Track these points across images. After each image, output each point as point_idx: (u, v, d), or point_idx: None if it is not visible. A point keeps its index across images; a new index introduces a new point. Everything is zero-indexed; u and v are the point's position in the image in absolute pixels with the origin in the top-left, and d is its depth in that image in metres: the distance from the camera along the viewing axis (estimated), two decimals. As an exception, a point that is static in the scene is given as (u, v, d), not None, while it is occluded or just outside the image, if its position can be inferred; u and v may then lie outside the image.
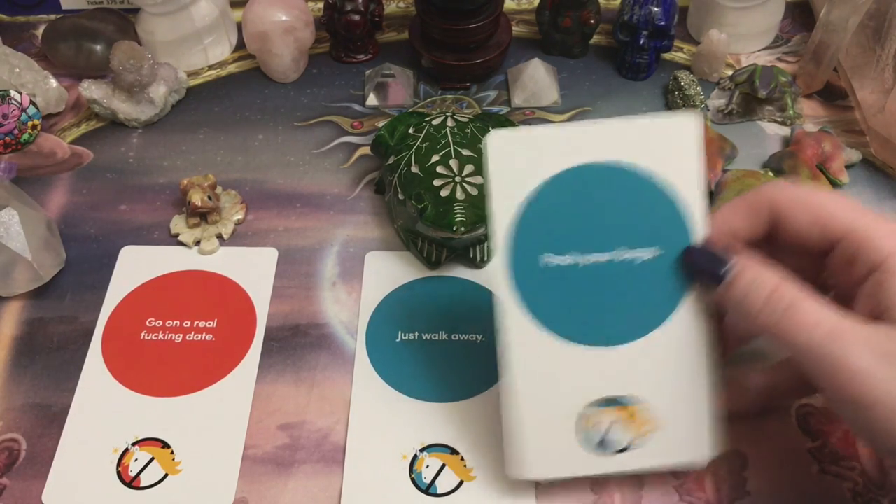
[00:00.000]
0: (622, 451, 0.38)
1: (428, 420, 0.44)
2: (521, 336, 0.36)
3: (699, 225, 0.36)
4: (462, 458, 0.42)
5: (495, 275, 0.36)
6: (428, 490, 0.41)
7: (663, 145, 0.35)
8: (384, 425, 0.43)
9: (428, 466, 0.42)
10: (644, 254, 0.36)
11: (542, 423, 0.37)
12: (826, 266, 0.36)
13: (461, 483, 0.41)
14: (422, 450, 0.43)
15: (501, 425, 0.43)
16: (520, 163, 0.35)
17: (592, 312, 0.36)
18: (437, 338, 0.47)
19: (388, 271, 0.50)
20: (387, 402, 0.44)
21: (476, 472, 0.42)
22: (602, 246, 0.35)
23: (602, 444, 0.38)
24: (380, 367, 0.46)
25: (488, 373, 0.45)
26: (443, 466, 0.42)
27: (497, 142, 0.35)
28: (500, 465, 0.42)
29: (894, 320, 0.32)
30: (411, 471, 0.42)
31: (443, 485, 0.41)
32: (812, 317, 0.33)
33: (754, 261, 0.35)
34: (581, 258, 0.35)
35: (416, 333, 0.47)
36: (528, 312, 0.36)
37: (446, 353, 0.46)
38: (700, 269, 0.36)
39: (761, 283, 0.34)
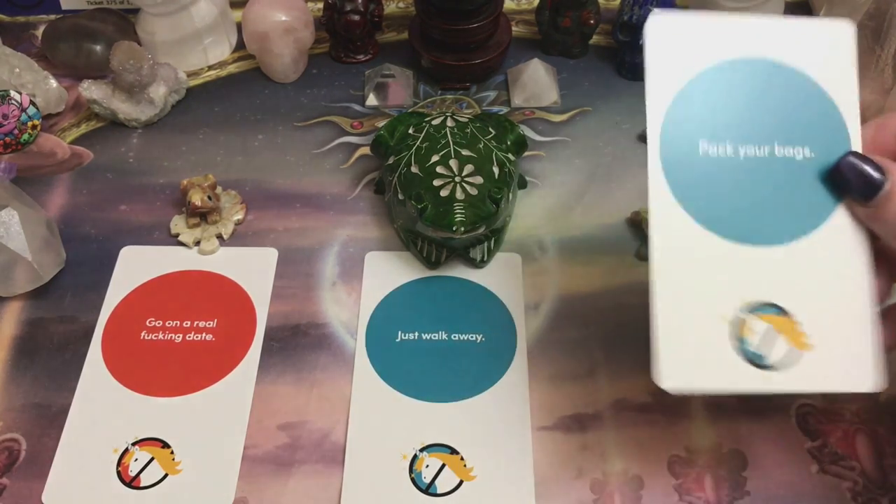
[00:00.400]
0: (777, 367, 0.33)
1: (428, 420, 0.44)
2: (670, 225, 0.34)
3: (854, 130, 0.35)
4: (462, 458, 0.42)
5: (649, 162, 0.33)
6: (428, 490, 0.41)
7: (822, 48, 0.35)
8: (384, 425, 0.44)
9: (428, 466, 0.42)
10: (800, 152, 0.34)
11: (694, 323, 0.33)
12: None
13: (461, 483, 0.41)
14: (422, 449, 0.43)
15: (502, 428, 0.43)
16: (680, 48, 0.34)
17: (745, 208, 0.34)
18: (436, 338, 0.47)
19: (388, 271, 0.50)
20: (387, 401, 0.44)
21: (476, 472, 0.42)
22: (759, 138, 0.34)
23: (757, 355, 0.33)
24: (380, 367, 0.46)
25: (488, 373, 0.45)
26: (443, 466, 0.42)
27: (658, 24, 0.34)
28: (500, 465, 0.42)
29: None
30: (411, 470, 0.42)
31: (443, 484, 0.41)
32: None
33: None
34: (738, 148, 0.34)
35: (416, 333, 0.47)
36: (678, 201, 0.34)
37: (446, 353, 0.46)
38: (851, 180, 0.34)
39: None
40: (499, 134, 0.51)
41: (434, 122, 0.51)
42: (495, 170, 0.48)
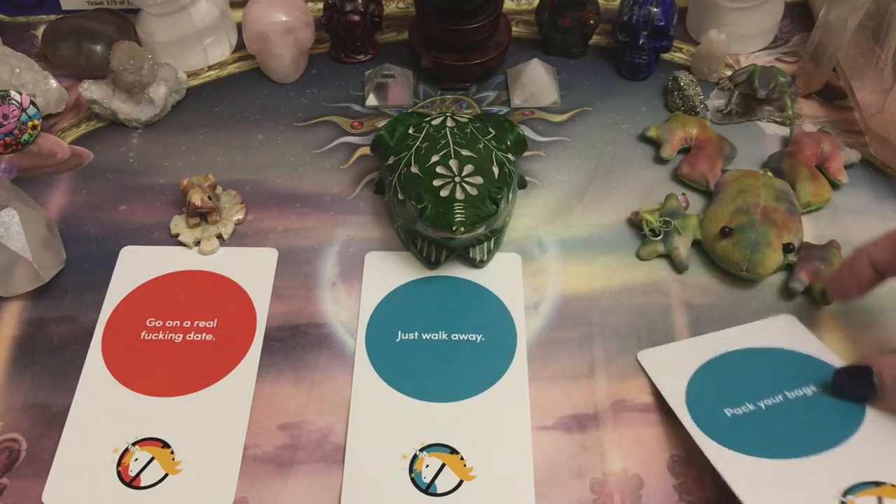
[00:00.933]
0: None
1: (428, 420, 0.44)
2: (733, 468, 0.39)
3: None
4: (462, 458, 0.42)
5: (691, 433, 0.41)
6: (428, 490, 0.41)
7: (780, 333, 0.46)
8: (384, 425, 0.44)
9: (428, 466, 0.42)
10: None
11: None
12: None
13: (461, 483, 0.41)
14: (421, 449, 0.43)
15: (501, 427, 0.43)
16: (672, 367, 0.44)
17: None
18: (436, 338, 0.47)
19: (388, 271, 0.50)
20: (386, 401, 0.44)
21: (476, 472, 0.42)
22: (768, 390, 0.43)
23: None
24: (380, 367, 0.46)
25: (488, 372, 0.45)
26: (442, 466, 0.42)
27: (651, 358, 0.45)
28: (500, 465, 0.42)
29: None
30: (411, 470, 0.42)
31: (442, 484, 0.41)
32: None
33: (889, 359, 0.40)
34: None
35: (416, 333, 0.47)
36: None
37: (446, 352, 0.46)
38: (848, 394, 0.41)
39: None
40: (499, 134, 0.51)
41: (434, 123, 0.51)
42: (495, 170, 0.48)
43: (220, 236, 0.52)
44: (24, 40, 0.65)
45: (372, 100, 0.60)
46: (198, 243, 0.51)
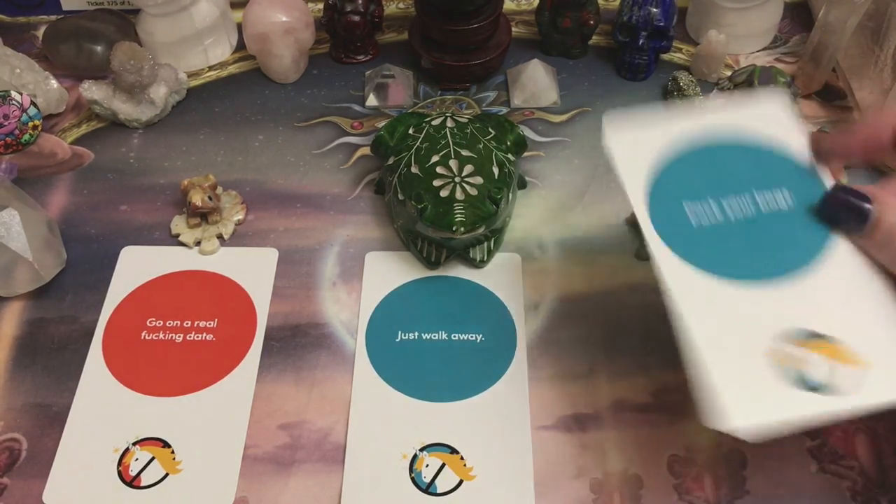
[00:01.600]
0: (838, 389, 0.33)
1: (428, 419, 0.44)
2: (683, 284, 0.36)
3: (815, 168, 0.38)
4: (462, 458, 0.42)
5: (647, 237, 0.37)
6: (428, 489, 0.41)
7: (768, 117, 0.38)
8: (384, 424, 0.44)
9: (428, 466, 0.42)
10: (779, 194, 0.37)
11: (733, 365, 0.34)
12: None
13: (461, 482, 0.41)
14: (422, 449, 0.43)
15: (501, 427, 0.43)
16: (641, 152, 0.38)
17: (744, 250, 0.36)
18: (436, 337, 0.47)
19: (388, 271, 0.50)
20: (387, 401, 0.44)
21: (476, 472, 0.42)
22: (738, 189, 0.37)
23: (807, 383, 0.33)
24: (380, 367, 0.46)
25: (488, 372, 0.45)
26: (443, 466, 0.42)
27: (615, 135, 0.38)
28: (500, 465, 0.42)
29: None
30: (411, 470, 0.42)
31: (442, 484, 0.41)
32: None
33: (894, 201, 0.34)
34: (720, 199, 0.37)
35: (416, 333, 0.47)
36: (683, 260, 0.36)
37: (446, 352, 0.46)
38: (840, 215, 0.36)
39: None
40: (498, 134, 0.51)
41: (434, 123, 0.51)
42: (495, 170, 0.48)
43: (220, 236, 0.52)
44: (24, 40, 0.65)
45: (372, 100, 0.60)
46: (198, 243, 0.51)
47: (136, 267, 0.51)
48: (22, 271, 0.48)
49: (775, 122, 0.38)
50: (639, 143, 0.38)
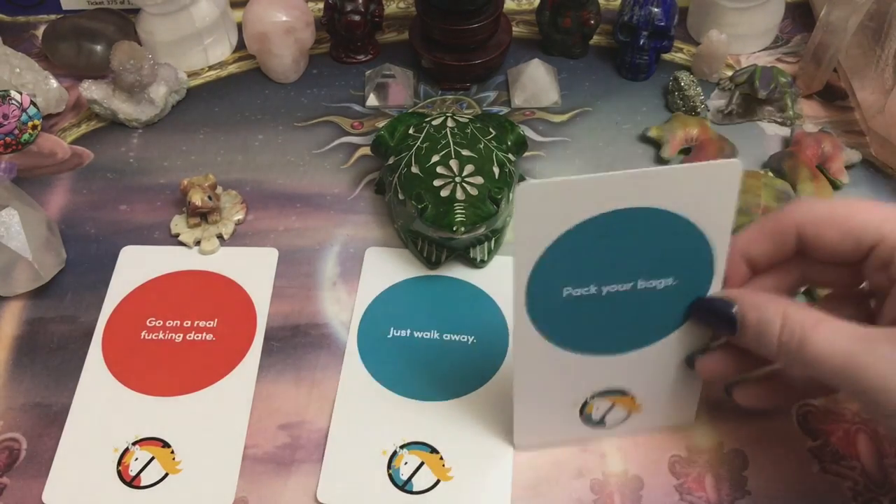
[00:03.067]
0: (617, 424, 0.42)
1: (411, 417, 0.44)
2: (533, 350, 0.37)
3: (720, 260, 0.36)
4: (441, 458, 0.42)
5: (512, 304, 0.36)
6: (404, 487, 0.41)
7: (702, 190, 0.35)
8: (367, 419, 0.44)
9: (406, 463, 0.42)
10: (661, 283, 0.36)
11: (549, 408, 0.40)
12: (863, 271, 0.36)
13: (438, 482, 0.41)
14: (402, 446, 0.43)
15: (484, 431, 0.43)
16: (548, 211, 0.35)
17: (603, 331, 0.38)
18: (428, 336, 0.47)
19: (387, 267, 0.50)
20: (372, 396, 0.44)
21: (454, 473, 0.42)
22: (623, 279, 0.36)
23: (601, 422, 0.41)
24: (368, 361, 0.46)
25: (476, 375, 0.45)
26: (421, 464, 0.42)
27: (527, 192, 0.34)
28: (478, 468, 0.42)
29: None
30: (389, 466, 0.42)
31: (419, 482, 0.41)
32: (825, 347, 0.33)
33: (755, 299, 0.35)
34: (601, 289, 0.36)
35: (409, 331, 0.47)
36: (542, 335, 0.37)
37: (436, 352, 0.46)
38: (711, 323, 0.37)
39: (767, 325, 0.34)
40: (499, 134, 0.51)
41: (434, 123, 0.51)
42: (495, 170, 0.48)
43: (220, 236, 0.52)
44: (24, 40, 0.65)
45: (372, 100, 0.60)
46: (198, 243, 0.51)
47: (135, 267, 0.51)
48: (21, 271, 0.48)
49: (713, 193, 0.35)
50: (551, 200, 0.35)
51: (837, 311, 0.34)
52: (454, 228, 0.45)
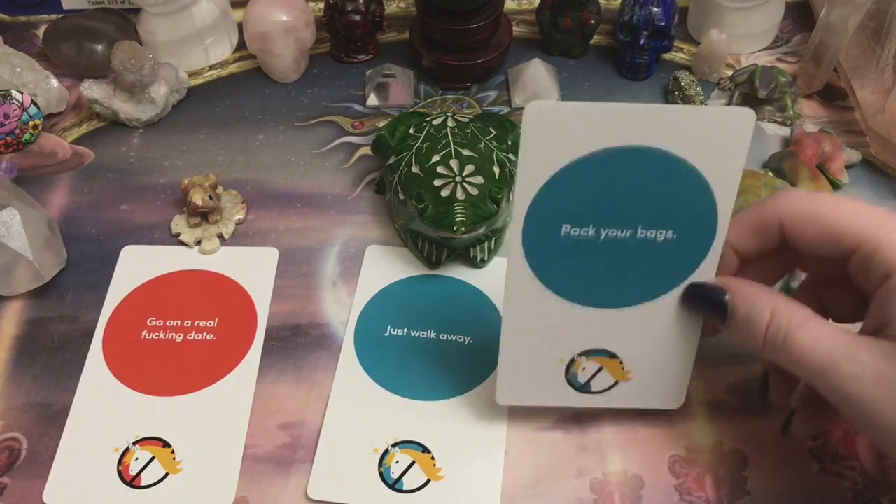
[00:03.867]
0: (603, 391, 0.41)
1: (404, 416, 0.44)
2: (525, 293, 0.37)
3: (724, 216, 0.36)
4: (433, 458, 0.42)
5: (509, 238, 0.36)
6: (394, 485, 0.41)
7: (713, 137, 0.34)
8: (360, 416, 0.44)
9: (398, 462, 0.42)
10: (662, 234, 0.36)
11: (535, 363, 0.40)
12: (849, 269, 0.36)
13: (428, 482, 0.41)
14: (394, 445, 0.43)
15: (477, 432, 0.43)
16: (556, 136, 0.34)
17: (597, 280, 0.37)
18: (425, 335, 0.47)
19: (386, 265, 0.50)
20: (366, 393, 0.45)
21: (445, 473, 0.42)
22: (622, 223, 0.36)
23: (587, 386, 0.41)
24: (364, 359, 0.46)
25: (471, 376, 0.45)
26: (412, 463, 0.42)
27: (536, 111, 0.33)
28: (469, 469, 0.42)
29: (891, 337, 0.32)
30: (381, 464, 0.42)
31: (410, 481, 0.41)
32: (807, 345, 0.33)
33: (747, 291, 0.36)
34: (600, 231, 0.36)
35: (405, 329, 0.47)
36: (534, 272, 0.37)
37: (432, 351, 0.46)
38: (701, 310, 0.38)
39: (755, 318, 0.35)
40: (499, 134, 0.51)
41: (435, 122, 0.51)
42: (496, 170, 0.48)
43: (220, 236, 0.52)
44: (25, 40, 0.65)
45: (373, 99, 0.60)
46: (198, 243, 0.51)
47: (136, 266, 0.51)
48: (22, 270, 0.48)
49: (722, 141, 0.35)
50: (557, 126, 0.34)
51: (826, 295, 0.35)
52: (454, 228, 0.45)
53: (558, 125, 0.33)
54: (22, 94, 0.56)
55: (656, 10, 0.57)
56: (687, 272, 0.37)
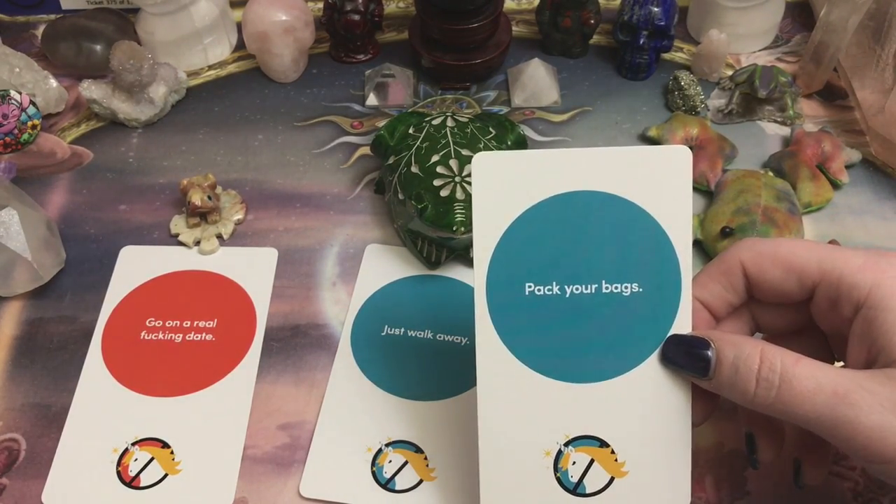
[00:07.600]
0: (598, 493, 0.36)
1: (398, 416, 0.44)
2: (495, 365, 0.35)
3: (686, 262, 0.35)
4: (426, 458, 0.42)
5: (476, 303, 0.35)
6: (386, 485, 0.41)
7: (654, 177, 0.34)
8: (355, 415, 0.44)
9: (391, 462, 0.42)
10: (628, 288, 0.35)
11: (519, 456, 0.36)
12: (812, 314, 0.35)
13: (420, 482, 0.41)
14: (387, 444, 0.43)
15: (470, 433, 0.42)
16: (507, 186, 0.33)
17: (569, 346, 0.35)
18: (421, 335, 0.47)
19: (385, 265, 0.50)
20: (361, 392, 0.45)
21: (437, 473, 0.42)
22: (586, 277, 0.35)
23: (579, 485, 0.36)
24: (360, 358, 0.46)
25: (466, 377, 0.45)
26: (405, 463, 0.42)
27: (484, 163, 0.33)
28: (463, 469, 0.42)
29: (893, 362, 0.31)
30: (374, 464, 0.42)
31: (402, 481, 0.41)
32: (810, 383, 0.31)
33: (730, 337, 0.34)
34: (565, 287, 0.35)
35: (402, 329, 0.47)
36: (504, 342, 0.35)
37: (428, 351, 0.46)
38: (682, 364, 0.35)
39: (745, 360, 0.33)
40: (499, 134, 0.51)
41: (434, 122, 0.51)
42: (495, 170, 0.48)
43: (219, 236, 0.52)
44: (23, 40, 0.65)
45: (372, 99, 0.60)
46: (198, 243, 0.51)
47: (135, 267, 0.50)
48: (21, 271, 0.48)
49: (667, 181, 0.34)
50: (505, 176, 0.33)
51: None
52: (454, 228, 0.45)
53: (506, 175, 0.33)
54: (21, 94, 0.56)
55: (656, 9, 0.57)
56: (662, 331, 0.35)
